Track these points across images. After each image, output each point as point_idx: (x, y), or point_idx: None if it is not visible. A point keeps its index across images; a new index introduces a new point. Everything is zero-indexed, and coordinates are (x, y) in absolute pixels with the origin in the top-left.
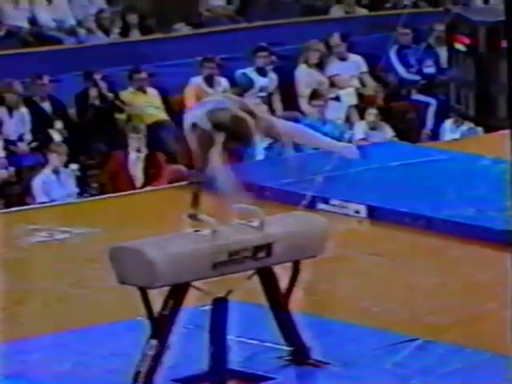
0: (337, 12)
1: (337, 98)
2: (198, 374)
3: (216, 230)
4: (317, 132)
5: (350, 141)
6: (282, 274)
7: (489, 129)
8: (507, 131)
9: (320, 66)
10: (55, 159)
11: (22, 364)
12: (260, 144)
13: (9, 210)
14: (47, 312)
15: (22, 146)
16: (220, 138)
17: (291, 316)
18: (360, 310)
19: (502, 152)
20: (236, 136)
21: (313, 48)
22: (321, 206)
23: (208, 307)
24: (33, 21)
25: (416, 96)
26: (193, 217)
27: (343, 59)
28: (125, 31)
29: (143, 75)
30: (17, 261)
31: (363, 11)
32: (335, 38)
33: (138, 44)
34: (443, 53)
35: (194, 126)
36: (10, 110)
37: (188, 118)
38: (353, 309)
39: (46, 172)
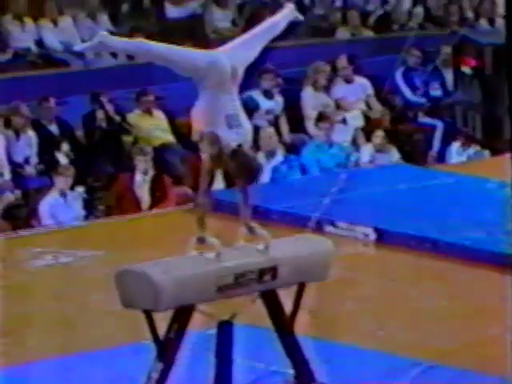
0: (343, 34)
1: (343, 121)
2: None
3: (220, 253)
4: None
5: (356, 163)
6: (287, 297)
7: (496, 152)
8: None
9: (326, 88)
10: (62, 182)
11: None
12: (266, 166)
13: (14, 233)
14: (52, 335)
15: (29, 169)
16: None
17: (296, 339)
18: (366, 333)
19: (508, 175)
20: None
21: (319, 70)
22: (328, 228)
23: (213, 330)
24: (40, 43)
25: (422, 118)
26: (201, 240)
27: (349, 81)
28: None
29: (150, 97)
30: (22, 284)
31: (369, 33)
32: (342, 60)
33: (144, 66)
34: (449, 75)
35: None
36: (17, 133)
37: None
38: (359, 332)
39: (53, 194)
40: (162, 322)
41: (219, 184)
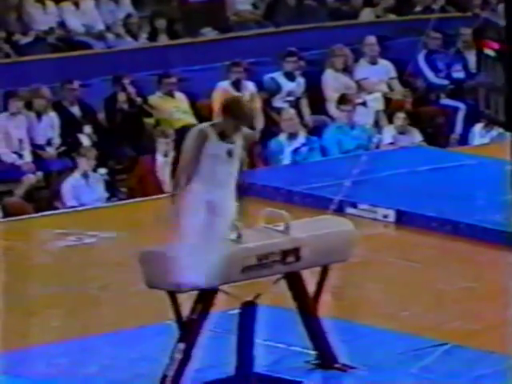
0: (366, 16)
1: (363, 104)
2: (224, 377)
3: (242, 234)
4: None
5: (378, 145)
6: (310, 278)
7: None
8: None
9: (347, 69)
10: (84, 163)
11: (51, 367)
12: (287, 148)
13: (38, 214)
14: (76, 316)
15: (51, 151)
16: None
17: (319, 320)
18: (388, 315)
19: None
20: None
21: (336, 53)
22: (349, 210)
23: (236, 311)
24: (61, 25)
25: (445, 100)
26: None
27: (373, 63)
28: (153, 36)
29: (173, 80)
30: (45, 265)
31: (391, 16)
32: (370, 39)
33: (165, 49)
34: (472, 57)
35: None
36: (39, 115)
37: None
38: (380, 313)
39: (76, 176)
40: (187, 302)
41: None
